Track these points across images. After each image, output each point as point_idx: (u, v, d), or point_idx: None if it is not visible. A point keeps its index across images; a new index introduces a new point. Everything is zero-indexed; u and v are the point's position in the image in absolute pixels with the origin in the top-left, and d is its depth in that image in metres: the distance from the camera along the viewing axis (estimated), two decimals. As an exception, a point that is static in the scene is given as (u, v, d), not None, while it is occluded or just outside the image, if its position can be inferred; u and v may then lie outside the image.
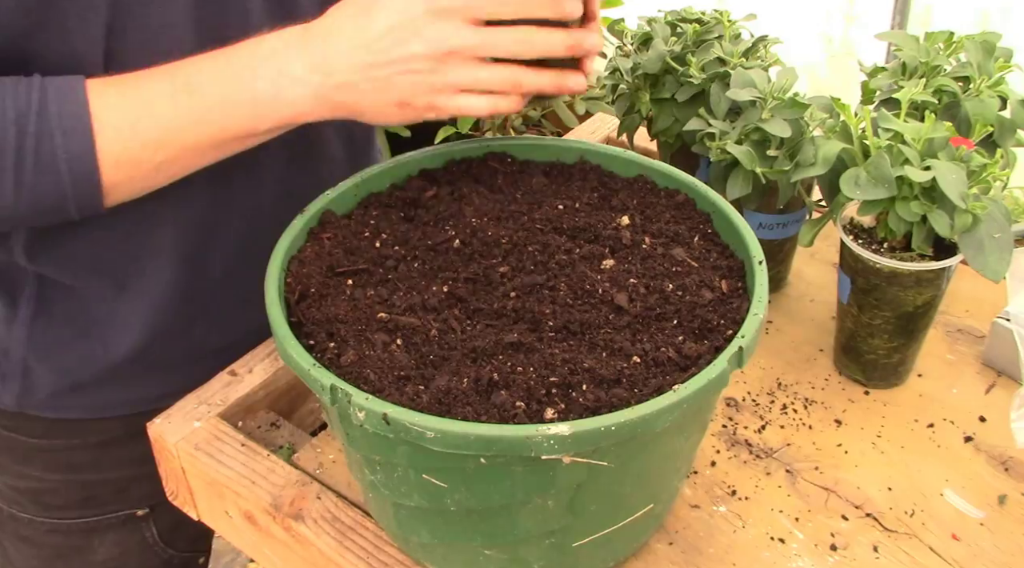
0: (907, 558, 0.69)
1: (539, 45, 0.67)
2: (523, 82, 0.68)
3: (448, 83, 0.66)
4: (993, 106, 0.83)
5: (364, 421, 0.54)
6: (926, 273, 0.77)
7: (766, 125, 0.85)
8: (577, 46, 0.69)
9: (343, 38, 0.66)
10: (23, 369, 0.84)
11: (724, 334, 0.62)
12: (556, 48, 0.68)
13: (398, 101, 0.67)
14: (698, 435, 0.66)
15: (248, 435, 0.79)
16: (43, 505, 0.93)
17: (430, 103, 0.67)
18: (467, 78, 0.67)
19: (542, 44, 0.68)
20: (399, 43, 0.65)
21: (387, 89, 0.66)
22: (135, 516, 0.95)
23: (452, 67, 0.66)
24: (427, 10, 0.65)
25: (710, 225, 0.73)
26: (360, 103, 0.67)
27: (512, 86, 0.68)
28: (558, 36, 0.68)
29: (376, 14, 0.65)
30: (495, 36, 0.66)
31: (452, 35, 0.65)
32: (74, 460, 0.91)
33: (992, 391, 0.84)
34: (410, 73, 0.66)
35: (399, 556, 0.68)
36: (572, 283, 0.66)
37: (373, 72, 0.66)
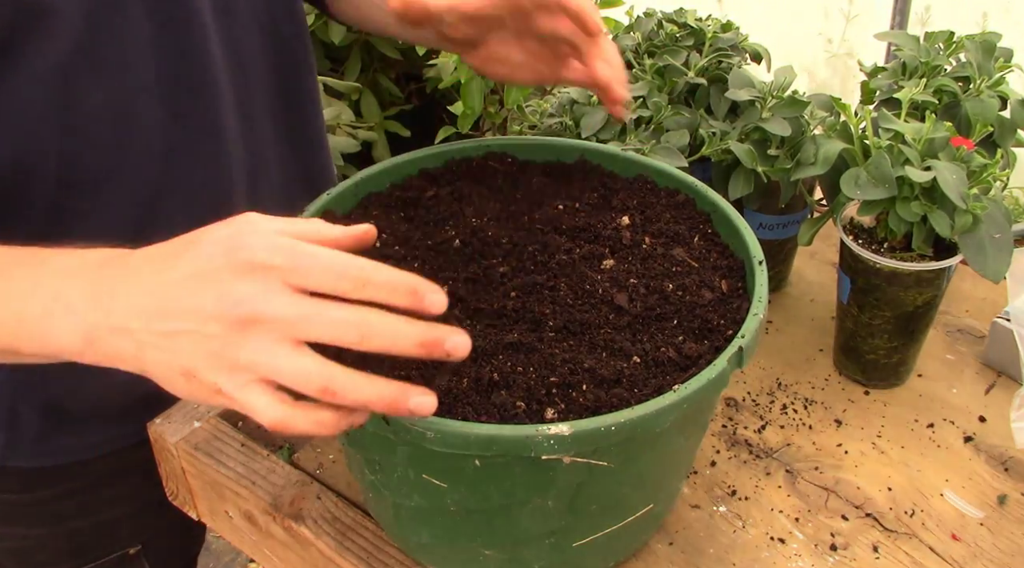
0: (907, 558, 0.69)
1: (379, 337, 0.48)
2: (338, 389, 0.48)
3: (241, 362, 0.48)
4: (993, 106, 0.83)
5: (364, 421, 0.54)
6: (926, 273, 0.77)
7: (766, 124, 0.85)
8: (434, 344, 0.48)
9: (141, 276, 0.53)
10: (9, 416, 0.80)
11: (724, 334, 0.62)
12: (404, 344, 0.48)
13: (183, 368, 0.50)
14: (698, 435, 0.66)
15: (248, 435, 0.79)
16: (31, 563, 0.89)
17: (216, 384, 0.49)
18: (266, 362, 0.48)
19: (384, 335, 0.48)
20: (192, 293, 0.50)
21: (170, 350, 0.51)
22: (127, 556, 0.92)
23: (251, 341, 0.48)
24: (237, 262, 0.49)
25: (710, 225, 0.73)
26: (140, 361, 0.52)
27: (320, 391, 0.48)
28: (409, 330, 0.48)
29: (182, 258, 0.51)
30: (319, 311, 0.48)
31: (259, 298, 0.48)
32: (60, 510, 0.87)
33: (992, 391, 0.84)
34: (197, 335, 0.49)
35: (399, 556, 0.68)
36: (572, 283, 0.66)
37: (156, 323, 0.51)
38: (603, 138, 0.90)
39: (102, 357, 0.54)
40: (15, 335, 0.56)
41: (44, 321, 0.54)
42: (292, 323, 0.48)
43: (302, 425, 0.48)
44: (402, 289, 0.48)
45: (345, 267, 0.48)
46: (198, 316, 0.49)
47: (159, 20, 0.70)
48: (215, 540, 1.87)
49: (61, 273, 0.55)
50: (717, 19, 1.00)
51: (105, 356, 0.53)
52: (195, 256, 0.51)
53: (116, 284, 0.53)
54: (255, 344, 0.48)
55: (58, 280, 0.55)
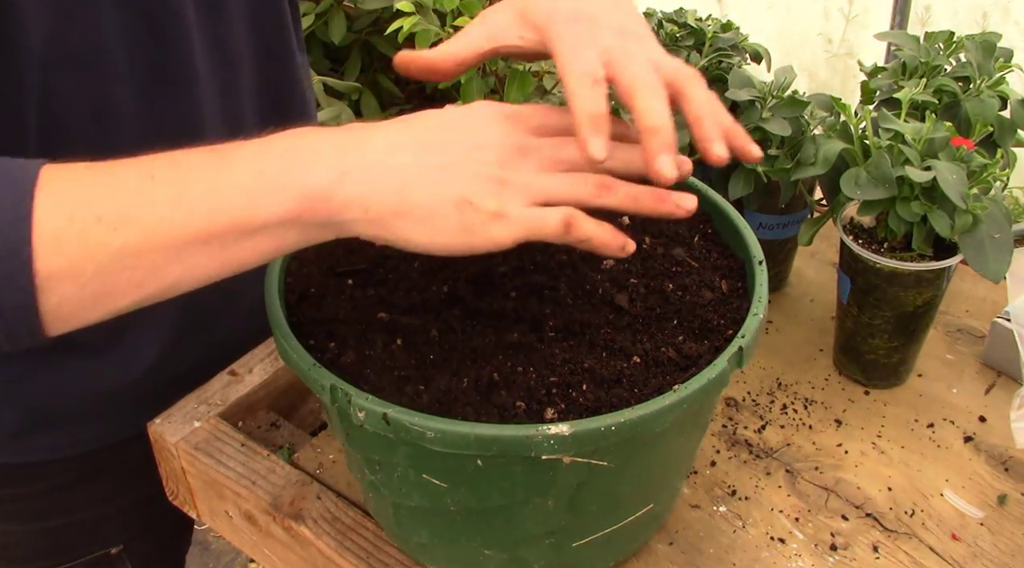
0: (907, 558, 0.69)
1: (617, 157, 0.55)
2: (614, 189, 0.54)
3: (521, 183, 0.52)
4: (993, 106, 0.83)
5: (364, 421, 0.54)
6: (926, 273, 0.77)
7: (766, 124, 0.85)
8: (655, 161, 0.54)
9: (393, 128, 0.54)
10: None
11: (724, 334, 0.62)
12: (636, 163, 0.56)
13: (457, 197, 0.50)
14: (698, 435, 0.66)
15: (248, 435, 0.79)
16: (10, 559, 0.87)
17: (499, 207, 0.51)
18: (543, 181, 0.53)
19: (620, 156, 0.55)
20: (463, 130, 0.53)
21: (443, 178, 0.51)
22: (109, 556, 0.90)
23: (526, 164, 0.53)
24: (492, 112, 0.55)
25: (710, 225, 0.73)
26: (404, 197, 0.50)
27: (597, 193, 0.54)
28: (637, 152, 0.55)
29: (432, 115, 0.55)
30: (566, 141, 0.55)
31: (520, 135, 0.54)
32: (39, 507, 0.85)
33: (992, 391, 0.84)
34: (475, 163, 0.52)
35: (399, 556, 0.68)
36: (572, 283, 0.66)
37: (425, 156, 0.51)
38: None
39: (355, 197, 0.50)
40: (255, 194, 0.50)
41: (289, 170, 0.50)
42: (555, 149, 0.54)
43: (586, 227, 0.53)
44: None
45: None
46: (475, 147, 0.52)
47: (130, 11, 0.68)
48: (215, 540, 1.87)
49: (294, 135, 0.53)
50: (717, 19, 1.00)
51: (360, 195, 0.50)
52: (460, 109, 0.55)
53: (366, 134, 0.53)
54: (530, 167, 0.53)
55: (294, 139, 0.52)
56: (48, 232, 0.48)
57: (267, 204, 0.50)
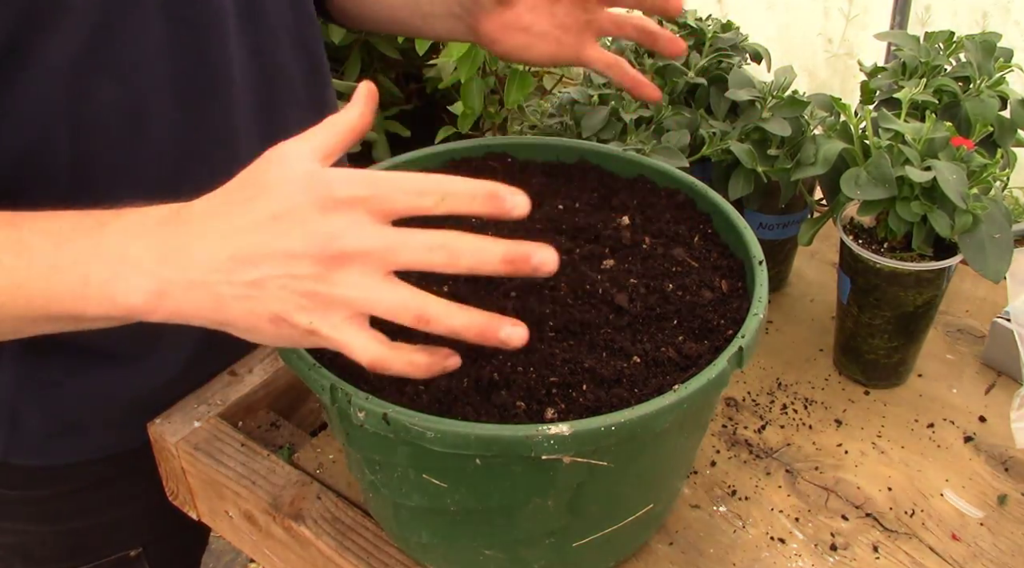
0: (907, 558, 0.69)
1: (464, 261, 0.48)
2: (432, 317, 0.49)
3: (336, 299, 0.49)
4: (993, 106, 0.83)
5: (364, 421, 0.54)
6: (926, 273, 0.77)
7: (766, 124, 0.85)
8: (521, 260, 0.48)
9: (213, 227, 0.51)
10: (11, 414, 0.78)
11: (724, 334, 0.62)
12: (489, 260, 0.48)
13: (271, 315, 0.50)
14: (698, 435, 0.66)
15: (248, 435, 0.79)
16: (31, 559, 0.88)
17: (311, 325, 0.49)
18: (360, 296, 0.49)
19: (470, 255, 0.48)
20: (277, 236, 0.49)
21: (256, 296, 0.50)
22: (128, 558, 0.91)
23: (344, 276, 0.49)
24: (319, 198, 0.49)
25: (710, 225, 0.73)
26: (220, 313, 0.51)
27: (416, 319, 0.49)
28: (495, 246, 0.48)
29: (258, 202, 0.50)
30: (406, 239, 0.49)
31: (348, 233, 0.48)
32: (61, 508, 0.86)
33: (992, 391, 0.84)
34: (287, 278, 0.49)
35: (399, 556, 0.68)
36: (572, 283, 0.66)
37: (239, 273, 0.50)
38: (603, 138, 0.90)
39: (175, 313, 0.52)
40: (82, 298, 0.54)
41: (112, 283, 0.52)
42: (382, 254, 0.48)
43: (397, 365, 0.50)
44: (481, 194, 0.49)
45: (423, 184, 0.49)
46: (287, 258, 0.49)
47: (175, 21, 0.69)
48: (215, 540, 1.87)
49: (124, 233, 0.53)
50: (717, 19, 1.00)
51: (178, 312, 0.52)
52: (271, 199, 0.50)
53: (185, 239, 0.52)
54: (348, 279, 0.49)
55: (121, 240, 0.53)
56: None
57: (94, 309, 0.54)
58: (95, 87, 0.67)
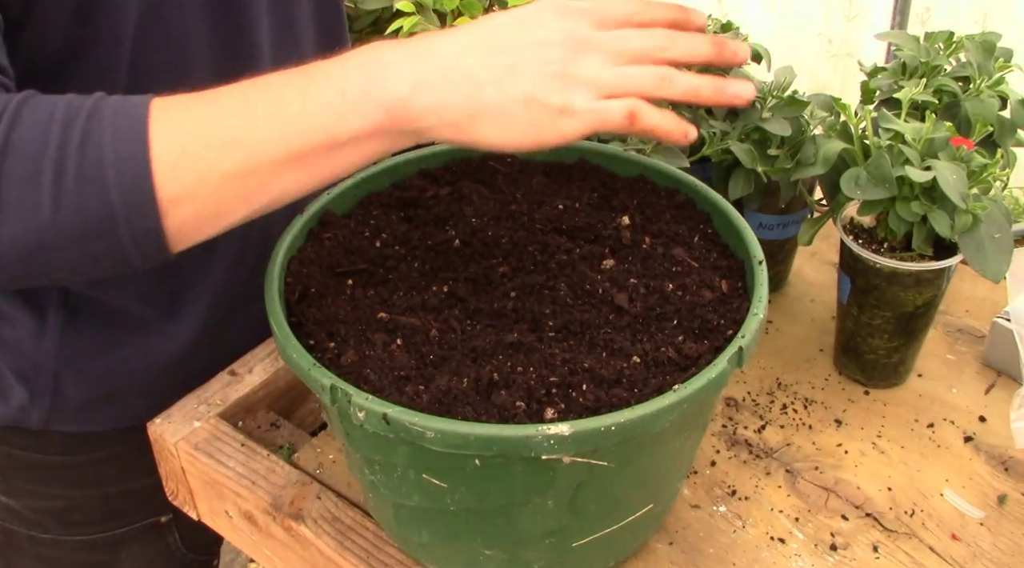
0: (907, 558, 0.69)
1: (680, 46, 0.59)
2: (675, 81, 0.58)
3: (586, 78, 0.56)
4: (993, 106, 0.83)
5: (364, 421, 0.54)
6: (926, 273, 0.77)
7: (766, 124, 0.85)
8: (722, 47, 0.60)
9: (459, 33, 0.58)
10: (54, 384, 0.81)
11: (724, 334, 0.62)
12: (700, 50, 0.60)
13: (525, 95, 0.55)
14: (698, 435, 0.66)
15: (248, 435, 0.79)
16: (67, 523, 0.91)
17: (565, 102, 0.56)
18: (608, 74, 0.57)
19: (684, 45, 0.59)
20: (527, 30, 0.57)
21: (511, 78, 0.55)
22: (159, 523, 0.94)
23: (590, 59, 0.57)
24: (555, 8, 0.58)
25: (710, 225, 0.73)
26: (476, 99, 0.55)
27: (660, 85, 0.58)
28: (701, 39, 0.60)
29: (497, 17, 0.58)
30: (629, 32, 0.59)
31: (584, 29, 0.58)
32: (97, 474, 0.89)
33: (992, 391, 0.84)
34: (540, 61, 0.56)
35: (399, 556, 0.68)
36: (572, 283, 0.66)
37: (493, 58, 0.56)
38: (603, 138, 0.90)
39: (431, 104, 0.55)
40: (341, 109, 0.55)
41: (371, 84, 0.55)
42: (615, 43, 0.57)
43: (650, 116, 0.57)
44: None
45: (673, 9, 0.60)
46: (539, 45, 0.56)
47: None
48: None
49: (374, 49, 0.57)
50: (717, 19, 0.99)
51: (436, 102, 0.55)
52: (521, 10, 0.58)
53: (434, 42, 0.57)
54: (591, 62, 0.57)
55: (374, 53, 0.57)
56: (165, 162, 0.54)
57: (353, 119, 0.56)
58: (150, 53, 0.69)
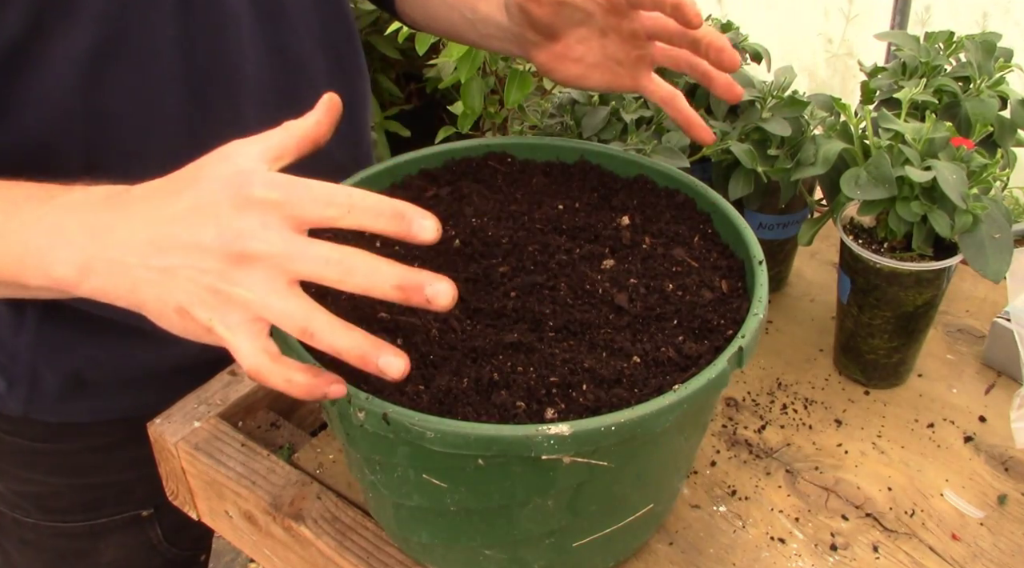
0: (907, 558, 0.69)
1: (357, 280, 0.49)
2: (316, 331, 0.49)
3: (235, 298, 0.50)
4: (993, 106, 0.83)
5: (364, 421, 0.54)
6: (926, 273, 0.77)
7: (766, 124, 0.85)
8: (414, 288, 0.48)
9: (141, 212, 0.53)
10: (31, 374, 0.83)
11: (724, 334, 0.62)
12: (381, 284, 0.48)
13: (177, 305, 0.51)
14: (698, 435, 0.66)
15: (248, 435, 0.79)
16: (47, 509, 0.93)
17: (209, 322, 0.50)
18: (257, 299, 0.49)
19: (363, 276, 0.48)
20: (191, 228, 0.50)
21: (165, 284, 0.51)
22: (140, 517, 0.95)
23: (246, 276, 0.49)
24: (237, 196, 0.50)
25: (710, 225, 0.73)
26: (134, 295, 0.53)
27: (300, 331, 0.49)
28: (389, 270, 0.49)
29: (186, 193, 0.52)
30: (306, 247, 0.49)
31: (256, 234, 0.49)
32: (79, 463, 0.91)
33: (992, 391, 0.84)
34: (194, 271, 0.50)
35: (399, 556, 0.69)
36: (572, 283, 0.66)
37: (153, 258, 0.51)
38: (604, 138, 0.90)
39: (97, 290, 0.54)
40: (21, 265, 0.57)
41: (45, 253, 0.55)
42: (281, 260, 0.49)
43: (274, 380, 0.50)
44: (387, 212, 0.49)
45: (333, 195, 0.49)
46: (196, 250, 0.50)
47: (189, 14, 0.72)
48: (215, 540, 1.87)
49: (65, 207, 0.57)
50: (717, 19, 0.99)
51: (100, 289, 0.54)
52: (196, 192, 0.51)
53: (115, 219, 0.54)
54: (250, 280, 0.49)
55: (61, 214, 0.56)
56: None
57: (32, 277, 0.57)
58: (111, 76, 0.69)
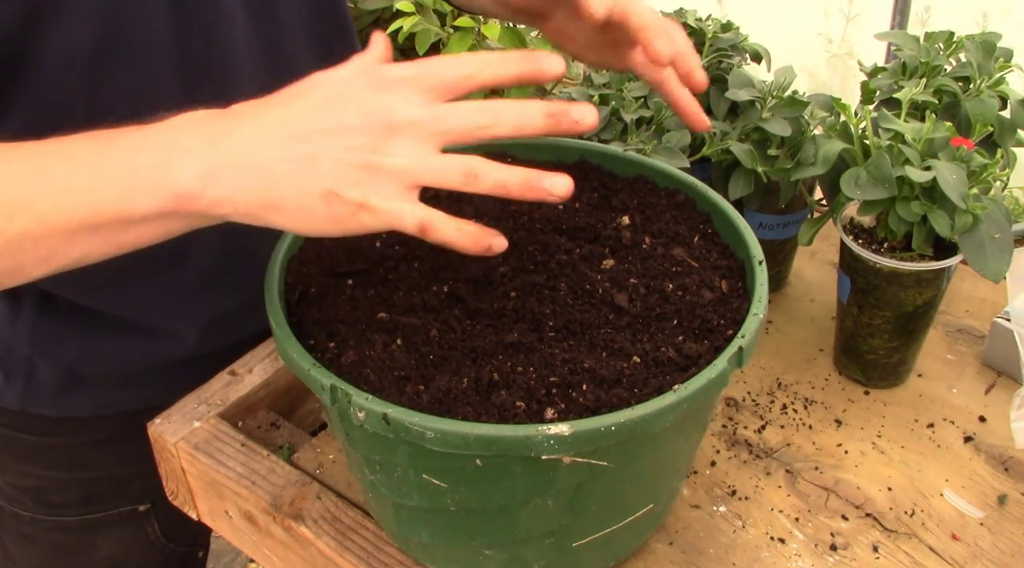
0: (907, 558, 0.69)
1: (509, 118, 0.52)
2: (480, 172, 0.52)
3: (388, 168, 0.51)
4: (993, 106, 0.83)
5: (364, 421, 0.54)
6: (926, 273, 0.77)
7: (766, 124, 0.85)
8: (561, 116, 0.52)
9: (267, 113, 0.53)
10: (27, 367, 0.84)
11: (724, 334, 0.62)
12: (532, 121, 0.52)
13: (323, 190, 0.51)
14: (698, 435, 0.66)
15: (248, 435, 0.79)
16: (45, 503, 0.93)
17: (364, 198, 0.51)
18: (412, 164, 0.51)
19: (512, 116, 0.52)
20: (335, 113, 0.51)
21: (309, 171, 0.50)
22: (137, 512, 0.95)
23: (397, 146, 0.51)
24: (373, 79, 0.52)
25: (710, 225, 0.73)
26: (271, 192, 0.51)
27: (465, 174, 0.52)
28: (533, 107, 0.52)
29: (313, 92, 0.53)
30: (452, 108, 0.52)
31: (400, 105, 0.51)
32: (76, 457, 0.91)
33: (992, 391, 0.84)
34: (341, 150, 0.51)
35: (399, 556, 0.69)
36: (572, 283, 0.66)
37: (291, 147, 0.51)
38: (604, 138, 0.90)
39: (224, 197, 0.52)
40: (130, 190, 0.53)
41: (160, 169, 0.52)
42: (430, 123, 0.51)
43: (446, 229, 0.52)
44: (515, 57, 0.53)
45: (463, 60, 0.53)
46: (341, 131, 0.51)
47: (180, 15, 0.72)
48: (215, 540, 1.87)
49: (171, 127, 0.54)
50: (717, 19, 0.99)
51: (228, 195, 0.52)
52: (326, 88, 0.52)
53: (238, 125, 0.53)
54: (400, 149, 0.51)
55: (170, 132, 0.54)
56: None
57: (142, 201, 0.53)
58: (107, 74, 0.69)
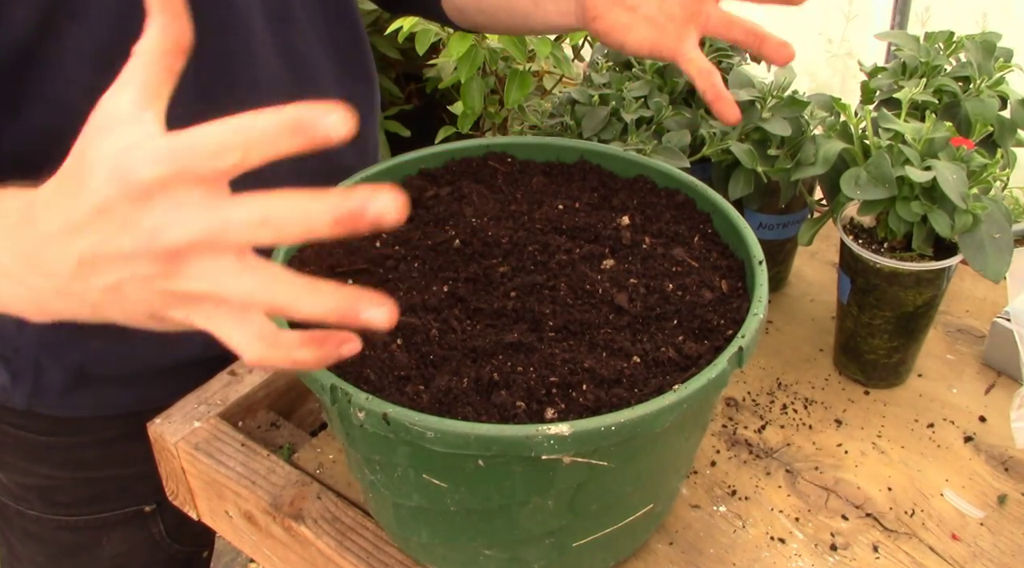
0: (907, 558, 0.69)
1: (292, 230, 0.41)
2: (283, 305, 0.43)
3: (193, 294, 0.44)
4: (993, 106, 0.83)
5: (364, 421, 0.54)
6: (926, 273, 0.77)
7: (766, 124, 0.85)
8: (356, 219, 0.40)
9: (53, 226, 0.46)
10: (35, 368, 0.84)
11: (724, 334, 0.62)
12: (319, 230, 0.40)
13: (147, 313, 0.46)
14: (698, 435, 0.66)
15: (248, 435, 0.79)
16: (51, 502, 0.93)
17: (187, 319, 0.45)
18: (212, 289, 0.43)
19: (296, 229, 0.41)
20: (106, 238, 0.44)
21: (123, 301, 0.45)
22: (143, 512, 0.96)
23: (190, 268, 0.43)
24: (128, 188, 0.42)
25: (710, 225, 0.73)
26: (102, 314, 0.48)
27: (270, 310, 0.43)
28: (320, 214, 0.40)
29: (81, 196, 0.45)
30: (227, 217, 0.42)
31: (169, 225, 0.42)
32: (82, 457, 0.91)
33: (992, 391, 0.84)
34: (137, 280, 0.44)
35: (399, 556, 0.69)
36: (572, 283, 0.66)
37: (93, 279, 0.45)
38: (604, 138, 0.90)
39: (62, 316, 0.49)
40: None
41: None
42: (212, 238, 0.42)
43: (279, 364, 0.44)
44: (287, 126, 0.41)
45: (222, 140, 0.42)
46: (124, 261, 0.44)
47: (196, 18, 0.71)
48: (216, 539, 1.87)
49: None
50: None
51: (64, 316, 0.49)
52: (88, 192, 0.44)
53: (39, 244, 0.47)
54: (194, 271, 0.43)
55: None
56: None
57: None
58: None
